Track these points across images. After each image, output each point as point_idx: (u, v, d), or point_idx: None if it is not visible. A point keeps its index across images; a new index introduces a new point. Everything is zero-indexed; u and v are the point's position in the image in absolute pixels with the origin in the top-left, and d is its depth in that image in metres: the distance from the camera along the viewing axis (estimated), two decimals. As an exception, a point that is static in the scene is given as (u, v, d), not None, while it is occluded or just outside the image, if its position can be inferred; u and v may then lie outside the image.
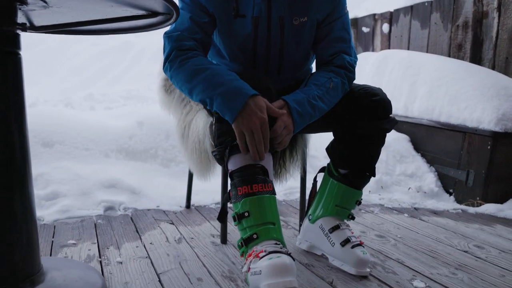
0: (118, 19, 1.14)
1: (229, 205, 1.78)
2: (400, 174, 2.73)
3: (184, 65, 1.25)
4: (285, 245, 1.17)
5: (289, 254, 1.11)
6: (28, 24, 1.16)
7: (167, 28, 1.35)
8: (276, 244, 1.13)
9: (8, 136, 1.04)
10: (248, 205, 1.16)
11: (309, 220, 1.53)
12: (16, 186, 1.07)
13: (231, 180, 1.22)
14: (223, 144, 1.22)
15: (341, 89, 1.38)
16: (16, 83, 1.05)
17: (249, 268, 1.12)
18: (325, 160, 2.62)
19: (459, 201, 2.53)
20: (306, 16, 1.35)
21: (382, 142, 1.45)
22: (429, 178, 2.69)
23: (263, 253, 1.10)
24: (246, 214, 1.16)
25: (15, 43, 1.04)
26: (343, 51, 1.43)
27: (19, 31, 1.06)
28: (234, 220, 1.20)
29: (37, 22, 1.18)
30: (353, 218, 1.50)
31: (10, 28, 1.01)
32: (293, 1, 1.33)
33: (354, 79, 1.43)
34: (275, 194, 1.22)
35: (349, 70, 1.41)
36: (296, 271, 1.11)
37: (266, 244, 1.13)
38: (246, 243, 1.16)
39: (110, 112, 3.16)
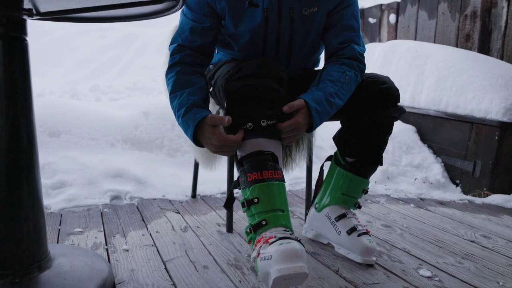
0: (124, 5, 1.13)
1: (235, 193, 1.78)
2: (407, 165, 2.72)
3: (168, 81, 1.35)
4: (293, 231, 1.17)
5: (299, 240, 1.11)
6: (34, 11, 1.16)
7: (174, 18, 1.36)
8: (285, 230, 1.13)
9: (15, 121, 1.05)
10: (257, 192, 1.16)
11: (316, 208, 1.53)
12: (23, 174, 1.08)
13: (241, 166, 1.22)
14: (233, 129, 1.22)
15: (355, 82, 1.37)
16: (22, 68, 1.05)
17: (258, 253, 1.11)
18: (331, 150, 2.62)
19: (465, 192, 2.51)
20: (317, 6, 1.33)
21: (389, 130, 1.44)
22: (435, 169, 2.67)
23: (273, 239, 1.09)
24: (256, 200, 1.15)
25: (22, 29, 1.04)
26: (352, 41, 1.41)
27: (25, 17, 1.05)
28: (243, 206, 1.19)
29: (43, 9, 1.17)
30: (359, 207, 1.50)
31: (16, 14, 1.01)
32: None
33: (365, 69, 1.42)
34: (284, 181, 1.22)
35: (361, 61, 1.40)
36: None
37: (275, 230, 1.12)
38: (255, 229, 1.15)
39: (116, 103, 3.17)
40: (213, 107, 1.62)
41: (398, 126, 2.96)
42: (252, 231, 1.16)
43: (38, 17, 1.18)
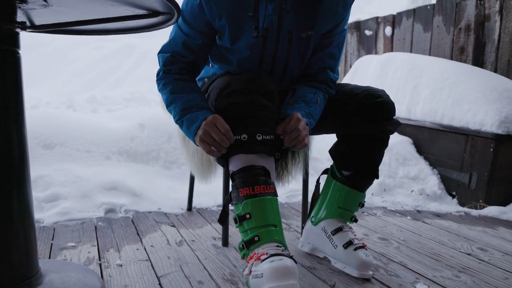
0: (119, 18, 1.13)
1: (230, 207, 1.77)
2: (403, 177, 2.71)
3: (165, 89, 1.36)
4: (287, 247, 1.16)
5: (291, 257, 1.10)
6: (28, 23, 1.15)
7: (168, 29, 1.35)
8: (278, 246, 1.12)
9: (6, 136, 1.03)
10: (250, 207, 1.15)
11: (312, 222, 1.52)
12: (14, 187, 1.06)
13: (232, 181, 1.21)
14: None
15: (323, 103, 1.42)
16: (15, 82, 1.04)
17: (250, 271, 1.10)
18: (327, 163, 2.61)
19: (462, 203, 2.51)
20: (312, 30, 1.34)
21: (385, 144, 1.44)
22: (432, 181, 2.67)
23: (265, 256, 1.08)
24: (248, 216, 1.14)
25: (14, 42, 1.04)
26: (330, 68, 1.45)
27: (18, 30, 1.05)
28: (235, 222, 1.18)
29: (38, 21, 1.17)
30: (356, 220, 1.49)
31: (9, 27, 1.01)
32: (302, 14, 1.32)
33: (333, 94, 1.45)
34: (277, 195, 1.21)
35: (330, 86, 1.44)
36: (298, 274, 1.09)
37: (267, 246, 1.12)
38: (248, 245, 1.15)
39: (112, 114, 3.16)
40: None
41: (395, 138, 2.96)
42: (245, 247, 1.15)
43: (32, 30, 1.17)
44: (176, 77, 1.38)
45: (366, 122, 1.37)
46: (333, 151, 1.49)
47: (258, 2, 1.28)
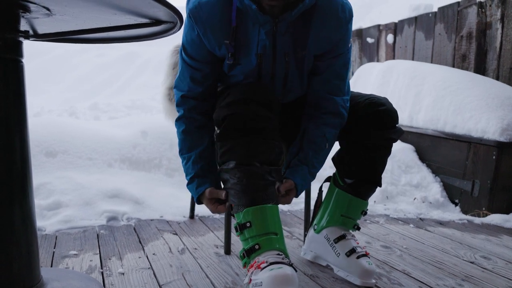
0: (122, 27, 1.13)
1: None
2: (406, 184, 2.71)
3: (177, 134, 1.42)
4: (287, 255, 1.15)
5: (291, 265, 1.09)
6: (31, 32, 1.16)
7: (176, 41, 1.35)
8: (278, 254, 1.11)
9: (9, 145, 1.04)
10: (250, 215, 1.15)
11: (314, 230, 1.51)
12: (16, 195, 1.06)
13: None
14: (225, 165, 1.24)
15: (334, 139, 1.42)
16: (17, 91, 1.04)
17: (250, 280, 1.10)
18: (330, 170, 2.60)
19: (464, 211, 2.50)
20: (305, 50, 1.32)
21: (388, 152, 1.43)
22: (434, 188, 2.66)
23: (265, 264, 1.08)
24: (248, 224, 1.14)
25: (17, 51, 1.04)
26: (338, 90, 1.39)
27: (21, 39, 1.06)
28: (236, 231, 1.18)
29: (41, 30, 1.18)
30: (358, 228, 1.48)
31: (12, 36, 1.01)
32: (296, 36, 1.29)
33: (345, 120, 1.41)
34: (277, 203, 1.21)
35: (342, 117, 1.39)
36: (299, 282, 1.09)
37: (268, 254, 1.11)
38: (248, 254, 1.14)
39: (114, 122, 3.16)
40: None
41: (397, 145, 2.96)
42: (246, 256, 1.14)
43: (35, 39, 1.18)
44: (183, 127, 1.38)
45: (369, 130, 1.37)
46: (336, 159, 1.49)
47: (241, 29, 1.26)
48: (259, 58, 1.29)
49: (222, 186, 1.29)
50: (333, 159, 1.50)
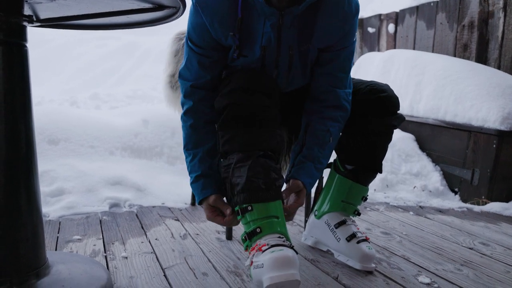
0: (124, 12, 1.14)
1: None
2: (406, 173, 2.72)
3: (182, 130, 1.38)
4: (288, 238, 1.17)
5: (292, 247, 1.11)
6: (34, 17, 1.17)
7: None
8: (279, 237, 1.13)
9: (14, 128, 1.05)
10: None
11: (315, 215, 1.53)
12: (21, 178, 1.08)
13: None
14: (228, 157, 1.23)
15: (339, 133, 1.41)
16: (22, 74, 1.05)
17: (251, 262, 1.12)
18: (330, 159, 2.62)
19: (464, 200, 2.52)
20: (310, 43, 1.31)
21: (389, 138, 1.44)
22: (434, 177, 2.68)
23: (266, 247, 1.09)
24: (250, 208, 1.15)
25: (22, 35, 1.05)
26: (340, 84, 1.38)
27: (25, 23, 1.06)
28: (238, 214, 1.19)
29: (43, 15, 1.18)
30: (359, 214, 1.50)
31: (16, 20, 1.02)
32: (301, 29, 1.29)
33: (348, 114, 1.40)
34: (281, 200, 1.23)
35: (345, 110, 1.38)
36: (300, 266, 1.10)
37: (269, 237, 1.13)
38: (250, 237, 1.15)
39: (115, 111, 3.17)
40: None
41: (397, 134, 2.97)
42: (247, 239, 1.16)
43: (39, 24, 1.19)
44: (191, 121, 1.34)
45: (370, 117, 1.38)
46: (336, 146, 1.50)
47: (247, 20, 1.25)
48: (263, 50, 1.28)
49: (222, 175, 1.26)
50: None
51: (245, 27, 1.27)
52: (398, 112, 1.43)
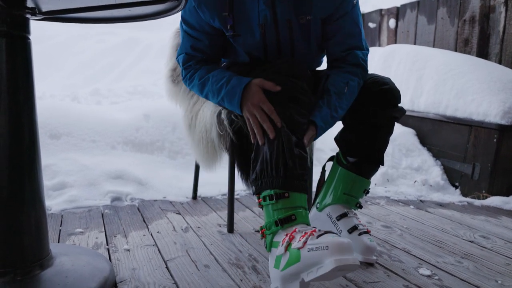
0: (126, 4, 1.14)
1: (236, 194, 1.78)
2: (406, 168, 2.73)
3: (192, 81, 1.40)
4: None
5: None
6: (37, 10, 1.17)
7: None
8: (312, 227, 1.12)
9: (17, 118, 1.06)
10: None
11: (317, 208, 1.54)
12: (25, 169, 1.09)
13: None
14: None
15: (357, 89, 1.39)
16: (25, 66, 1.06)
17: (304, 243, 1.06)
18: (331, 153, 2.62)
19: (464, 194, 2.52)
20: (310, 15, 1.33)
21: (390, 130, 1.45)
22: (435, 172, 2.68)
23: (318, 232, 1.06)
24: (286, 194, 1.14)
25: (25, 28, 1.06)
26: (355, 47, 1.41)
27: (28, 16, 1.07)
28: (270, 199, 1.15)
29: (45, 8, 1.18)
30: (360, 207, 1.51)
31: (19, 12, 1.03)
32: (297, 1, 1.30)
33: (367, 74, 1.44)
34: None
35: (364, 68, 1.41)
36: None
37: (301, 226, 1.11)
38: (283, 223, 1.13)
39: (116, 106, 3.18)
40: (214, 108, 1.62)
41: (398, 129, 2.97)
42: (280, 224, 1.13)
43: (41, 16, 1.19)
44: (197, 66, 1.41)
45: (372, 109, 1.38)
46: (338, 138, 1.50)
47: (239, 0, 1.28)
48: (261, 28, 1.30)
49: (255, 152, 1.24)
50: (336, 138, 1.51)
51: (239, 7, 1.30)
52: (399, 105, 1.44)
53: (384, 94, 1.38)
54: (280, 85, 1.20)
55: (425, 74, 2.99)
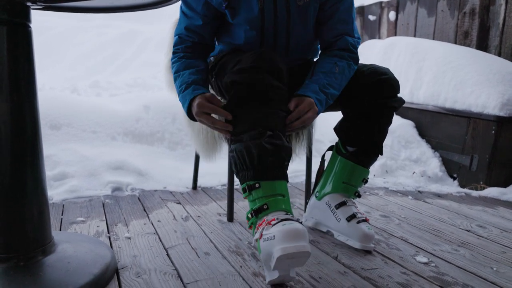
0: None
1: (235, 185, 1.80)
2: (405, 159, 2.74)
3: (172, 70, 1.45)
4: (294, 215, 1.19)
5: (300, 222, 1.12)
6: (38, -1, 1.18)
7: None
8: (286, 214, 1.15)
9: (19, 107, 1.07)
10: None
11: (316, 197, 1.55)
12: (27, 157, 1.10)
13: None
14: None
15: (348, 71, 1.40)
16: (26, 54, 1.07)
17: (261, 235, 1.12)
18: (330, 144, 2.64)
19: (462, 185, 2.54)
20: None
21: (389, 120, 1.46)
22: (433, 163, 2.70)
23: (275, 221, 1.10)
24: (257, 185, 1.17)
25: (25, 15, 1.06)
26: (346, 33, 1.44)
27: (29, 3, 1.07)
28: (244, 192, 1.20)
29: (47, -3, 1.19)
30: (359, 196, 1.52)
31: (21, 0, 1.03)
32: None
33: (358, 59, 1.45)
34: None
35: (352, 52, 1.44)
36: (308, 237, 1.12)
37: (276, 214, 1.14)
38: (256, 213, 1.17)
39: (116, 98, 3.18)
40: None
41: (397, 121, 2.99)
42: (254, 216, 1.17)
43: (42, 5, 1.20)
44: (180, 55, 1.44)
45: (370, 99, 1.40)
46: (338, 128, 1.52)
47: None
48: (260, 4, 1.33)
49: (230, 153, 1.27)
50: (335, 128, 1.53)
51: None
52: (398, 95, 1.45)
53: (382, 84, 1.39)
54: (243, 84, 1.21)
55: (425, 66, 2.99)
